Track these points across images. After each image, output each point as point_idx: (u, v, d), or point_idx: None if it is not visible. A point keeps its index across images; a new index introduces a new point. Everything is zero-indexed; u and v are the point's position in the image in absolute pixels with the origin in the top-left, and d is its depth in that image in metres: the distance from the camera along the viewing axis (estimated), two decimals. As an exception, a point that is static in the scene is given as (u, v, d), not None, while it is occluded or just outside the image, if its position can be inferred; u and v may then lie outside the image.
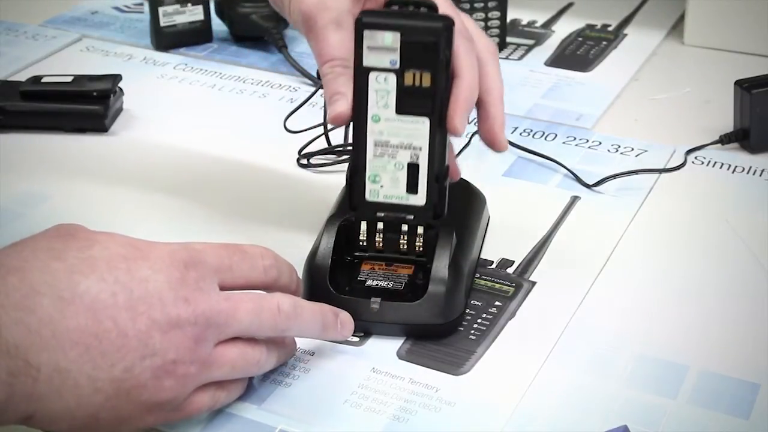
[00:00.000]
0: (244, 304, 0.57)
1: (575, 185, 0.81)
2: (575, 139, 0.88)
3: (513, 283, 0.70)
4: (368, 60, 0.62)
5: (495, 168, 0.84)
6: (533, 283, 0.70)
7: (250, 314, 0.57)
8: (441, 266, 0.65)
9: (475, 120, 0.91)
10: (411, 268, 0.67)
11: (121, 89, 0.94)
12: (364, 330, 0.66)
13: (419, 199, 0.65)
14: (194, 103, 0.96)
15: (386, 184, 0.65)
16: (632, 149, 0.86)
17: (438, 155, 0.63)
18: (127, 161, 0.87)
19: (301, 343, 0.65)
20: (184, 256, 0.56)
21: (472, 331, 0.66)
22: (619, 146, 0.87)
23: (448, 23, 0.61)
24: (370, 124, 0.63)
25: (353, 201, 0.66)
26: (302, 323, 0.60)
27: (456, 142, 0.87)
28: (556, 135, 0.89)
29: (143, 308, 0.54)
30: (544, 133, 0.89)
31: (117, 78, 0.93)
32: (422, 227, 0.66)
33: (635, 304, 0.69)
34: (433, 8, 0.63)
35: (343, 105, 0.64)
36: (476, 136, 0.88)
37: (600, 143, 0.87)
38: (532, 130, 0.90)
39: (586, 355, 0.64)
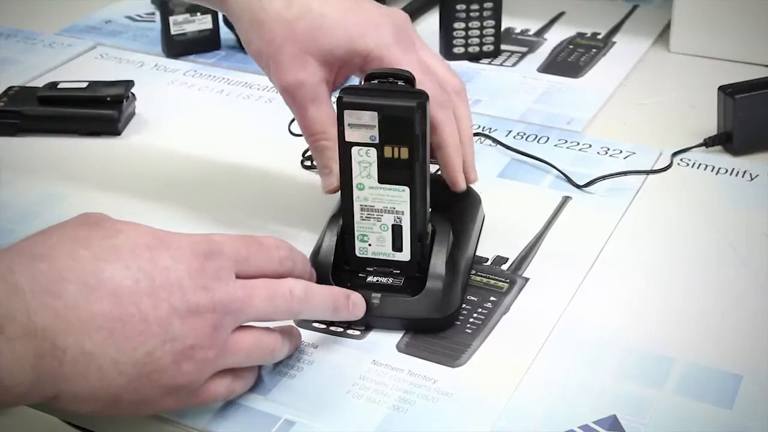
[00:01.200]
0: (259, 291, 0.57)
1: (566, 186, 0.81)
2: (566, 141, 0.88)
3: (507, 279, 0.70)
4: (350, 136, 0.63)
5: (490, 169, 0.84)
6: (526, 280, 0.70)
7: (264, 300, 0.57)
8: (438, 263, 0.65)
9: (471, 124, 0.91)
10: (410, 266, 0.67)
11: (133, 95, 0.94)
12: (366, 324, 0.66)
13: (404, 255, 0.66)
14: (203, 107, 0.96)
15: (373, 243, 0.66)
16: (621, 151, 0.86)
17: (419, 218, 0.64)
18: (139, 163, 0.87)
19: (306, 336, 0.65)
20: (204, 247, 0.56)
21: (468, 325, 0.66)
22: (609, 149, 0.87)
23: (422, 100, 0.62)
24: (356, 192, 0.64)
25: (346, 256, 0.67)
26: (314, 305, 0.60)
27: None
28: (548, 138, 0.89)
29: (164, 295, 0.54)
30: (536, 136, 0.89)
31: (129, 84, 0.93)
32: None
33: (624, 299, 0.69)
34: (410, 80, 0.64)
35: (332, 180, 0.69)
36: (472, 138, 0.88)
37: (590, 146, 0.87)
38: (525, 134, 0.89)
39: (576, 347, 0.64)
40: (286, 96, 0.69)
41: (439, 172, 0.82)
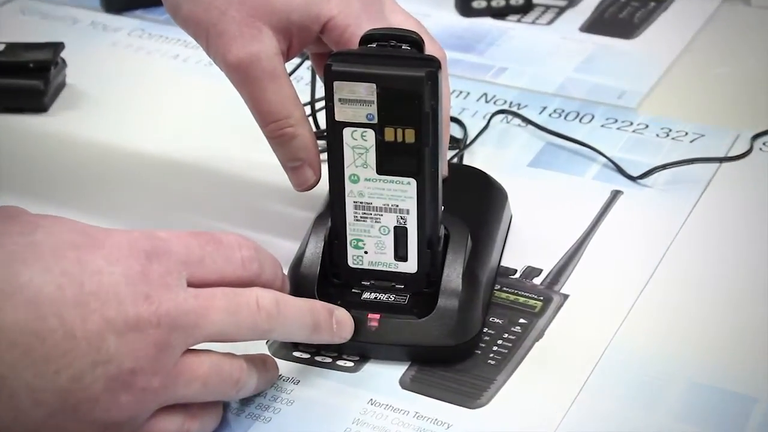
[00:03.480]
0: (217, 301, 0.57)
1: (617, 177, 0.82)
2: (616, 121, 0.88)
3: (541, 296, 0.71)
4: (341, 114, 0.63)
5: (519, 157, 0.84)
6: (565, 297, 0.71)
7: (224, 313, 0.57)
8: (453, 276, 0.65)
9: (494, 99, 0.92)
10: (417, 279, 0.67)
11: (63, 60, 0.94)
12: (361, 353, 0.66)
13: (410, 266, 0.66)
14: (153, 76, 0.96)
15: (371, 250, 0.66)
16: (686, 134, 0.86)
17: (429, 219, 0.65)
18: (71, 146, 0.87)
19: (284, 368, 0.65)
20: (147, 245, 0.57)
21: (492, 355, 0.66)
22: (670, 130, 0.87)
23: (432, 69, 0.61)
24: (348, 185, 0.64)
25: (336, 268, 0.67)
26: (287, 322, 0.60)
27: (472, 126, 0.87)
28: (593, 116, 0.89)
29: (96, 305, 0.54)
30: (578, 113, 0.89)
31: (59, 47, 0.93)
32: None
33: (690, 322, 0.69)
34: (418, 44, 0.64)
35: (306, 174, 0.70)
36: (496, 117, 0.88)
37: (647, 126, 0.88)
38: (563, 111, 0.90)
39: (629, 383, 0.64)
40: (234, 74, 0.69)
41: (455, 160, 0.82)
